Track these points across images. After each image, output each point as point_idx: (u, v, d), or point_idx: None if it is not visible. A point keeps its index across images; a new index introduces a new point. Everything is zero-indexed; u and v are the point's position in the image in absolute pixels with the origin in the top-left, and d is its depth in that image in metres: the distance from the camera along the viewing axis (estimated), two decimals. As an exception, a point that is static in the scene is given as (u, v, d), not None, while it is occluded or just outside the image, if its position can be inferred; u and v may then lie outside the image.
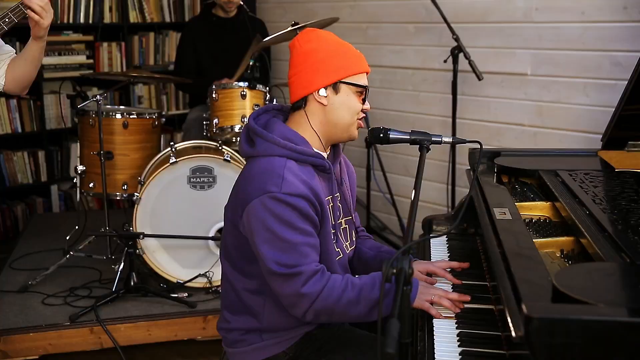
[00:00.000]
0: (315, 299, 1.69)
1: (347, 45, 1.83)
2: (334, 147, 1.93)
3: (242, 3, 3.94)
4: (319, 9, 4.55)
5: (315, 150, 1.82)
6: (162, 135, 3.61)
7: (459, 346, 1.55)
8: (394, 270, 1.28)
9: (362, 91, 1.80)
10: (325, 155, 1.86)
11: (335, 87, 1.79)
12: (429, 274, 1.88)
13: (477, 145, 1.85)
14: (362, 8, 4.30)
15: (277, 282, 1.71)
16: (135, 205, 3.18)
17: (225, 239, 1.87)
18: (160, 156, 3.36)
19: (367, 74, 1.84)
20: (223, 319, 1.92)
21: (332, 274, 1.74)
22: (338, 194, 1.90)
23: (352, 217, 1.99)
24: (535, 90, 3.49)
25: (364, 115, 1.84)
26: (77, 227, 3.55)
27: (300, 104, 1.82)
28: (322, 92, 1.78)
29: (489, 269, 1.80)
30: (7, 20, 2.27)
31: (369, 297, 1.70)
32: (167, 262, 3.25)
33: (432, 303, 1.72)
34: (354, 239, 2.00)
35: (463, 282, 1.84)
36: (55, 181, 4.67)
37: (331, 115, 1.80)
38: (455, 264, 1.92)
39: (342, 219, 1.92)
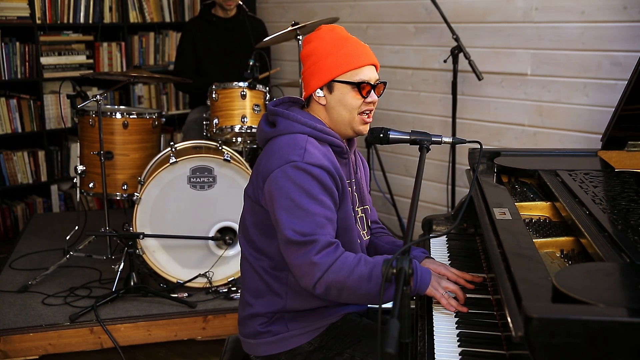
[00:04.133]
0: (326, 269, 1.68)
1: (346, 42, 1.82)
2: (348, 140, 1.94)
3: (241, 2, 3.95)
4: (319, 9, 4.55)
5: None
6: (162, 135, 3.61)
7: (459, 346, 1.55)
8: (394, 270, 1.28)
9: (359, 86, 1.79)
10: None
11: (329, 86, 1.82)
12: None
13: (477, 145, 1.86)
14: (362, 8, 4.30)
15: (291, 250, 1.71)
16: (135, 205, 3.18)
17: (244, 220, 1.89)
18: (160, 156, 3.36)
19: (376, 67, 1.84)
20: (245, 304, 1.89)
21: (345, 251, 1.74)
22: (354, 179, 1.92)
23: (368, 207, 2.01)
24: (535, 90, 3.49)
25: (371, 109, 1.83)
26: (77, 227, 3.55)
27: (306, 103, 1.91)
28: (319, 92, 1.84)
29: (489, 269, 1.80)
30: None
31: (380, 275, 1.67)
32: (167, 262, 3.25)
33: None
34: (369, 228, 2.03)
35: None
36: (55, 181, 4.67)
37: (331, 113, 1.85)
38: (468, 276, 1.81)
39: (357, 207, 1.94)
